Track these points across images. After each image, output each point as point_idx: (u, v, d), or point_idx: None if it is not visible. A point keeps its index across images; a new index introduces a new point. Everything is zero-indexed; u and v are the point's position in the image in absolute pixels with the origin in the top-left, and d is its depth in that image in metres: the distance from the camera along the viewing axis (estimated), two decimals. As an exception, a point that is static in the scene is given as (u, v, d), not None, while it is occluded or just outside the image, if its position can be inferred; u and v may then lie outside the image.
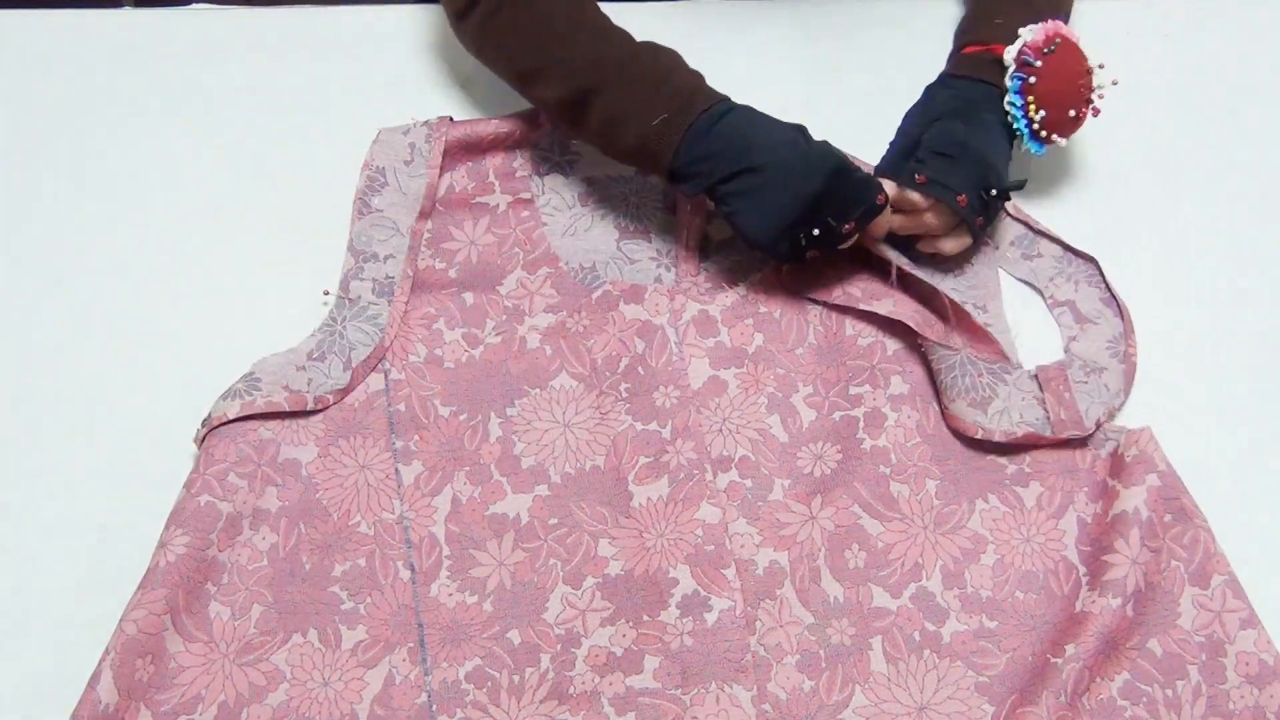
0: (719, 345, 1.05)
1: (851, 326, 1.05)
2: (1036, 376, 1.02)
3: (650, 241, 1.11)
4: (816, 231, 0.99)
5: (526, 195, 1.12)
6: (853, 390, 1.03)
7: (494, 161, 1.13)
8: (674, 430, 1.00)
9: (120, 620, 0.88)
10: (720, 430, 1.01)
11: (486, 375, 1.03)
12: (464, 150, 1.12)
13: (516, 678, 0.91)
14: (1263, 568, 0.97)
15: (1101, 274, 1.08)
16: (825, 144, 1.01)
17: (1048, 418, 1.00)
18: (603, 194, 1.12)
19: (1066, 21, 1.15)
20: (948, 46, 1.17)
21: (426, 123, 1.12)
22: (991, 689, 0.92)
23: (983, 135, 1.05)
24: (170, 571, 0.90)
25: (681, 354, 1.04)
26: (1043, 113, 1.05)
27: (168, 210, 1.14)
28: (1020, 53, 1.06)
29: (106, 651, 0.86)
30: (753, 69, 1.22)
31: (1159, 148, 1.09)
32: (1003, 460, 1.00)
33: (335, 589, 0.94)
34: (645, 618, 0.93)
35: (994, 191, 1.04)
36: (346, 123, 1.17)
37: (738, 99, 1.03)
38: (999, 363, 1.02)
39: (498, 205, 1.11)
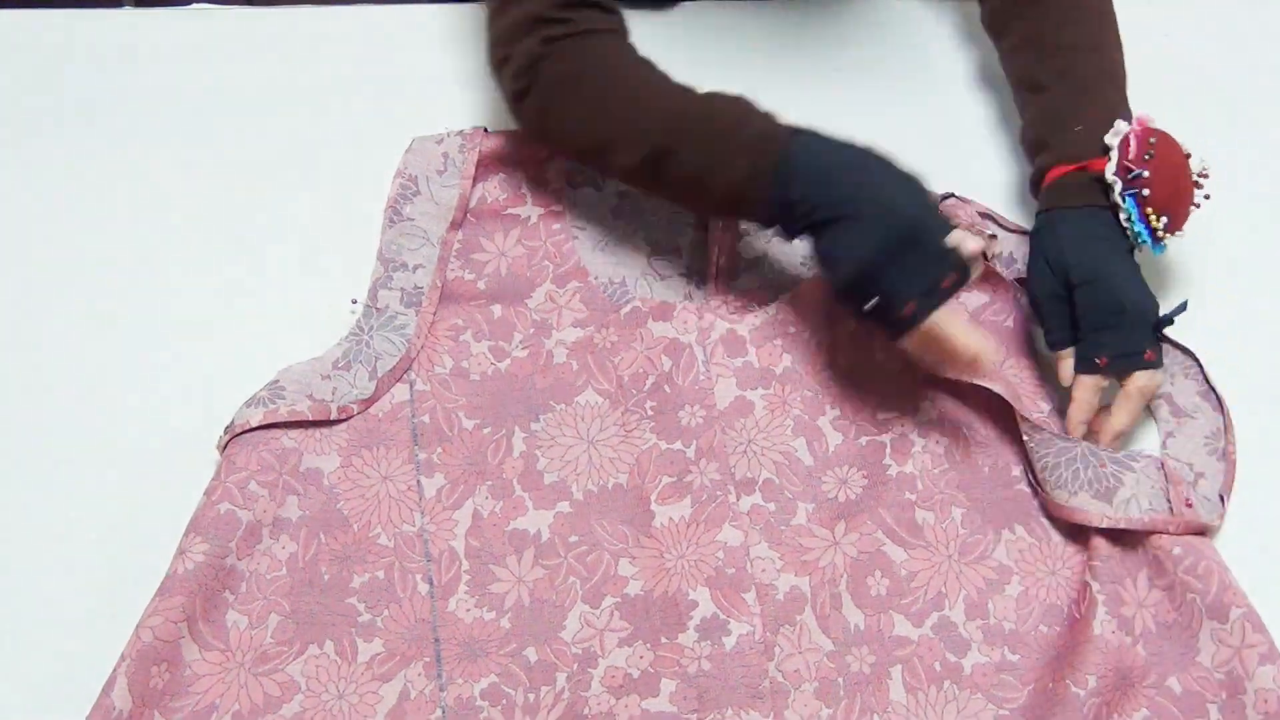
0: (747, 365, 1.04)
1: (881, 351, 1.04)
2: (1163, 467, 0.97)
3: (681, 258, 1.10)
4: (876, 301, 0.92)
5: (558, 208, 1.11)
6: (880, 415, 1.02)
7: (527, 173, 1.13)
8: (698, 450, 1.00)
9: (136, 627, 0.88)
10: (745, 452, 1.00)
11: (512, 389, 1.03)
12: (497, 161, 1.12)
13: (531, 696, 0.90)
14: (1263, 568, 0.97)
15: (1201, 367, 1.04)
16: (914, 192, 0.95)
17: (1170, 508, 0.94)
18: (635, 209, 1.12)
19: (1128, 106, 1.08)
20: (947, 47, 1.16)
21: (460, 132, 1.12)
22: None
23: (1124, 276, 1.00)
24: (188, 579, 0.90)
25: (709, 373, 1.03)
26: (1164, 219, 1.00)
27: (171, 211, 1.14)
28: (1122, 168, 1.00)
29: (122, 658, 0.86)
30: (753, 71, 1.22)
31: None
32: (1029, 491, 0.99)
33: (353, 600, 0.93)
34: (663, 639, 0.92)
35: (1162, 327, 1.00)
36: (347, 123, 1.18)
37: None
38: (1121, 451, 0.99)
39: (529, 217, 1.11)
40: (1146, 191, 1.00)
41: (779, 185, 0.96)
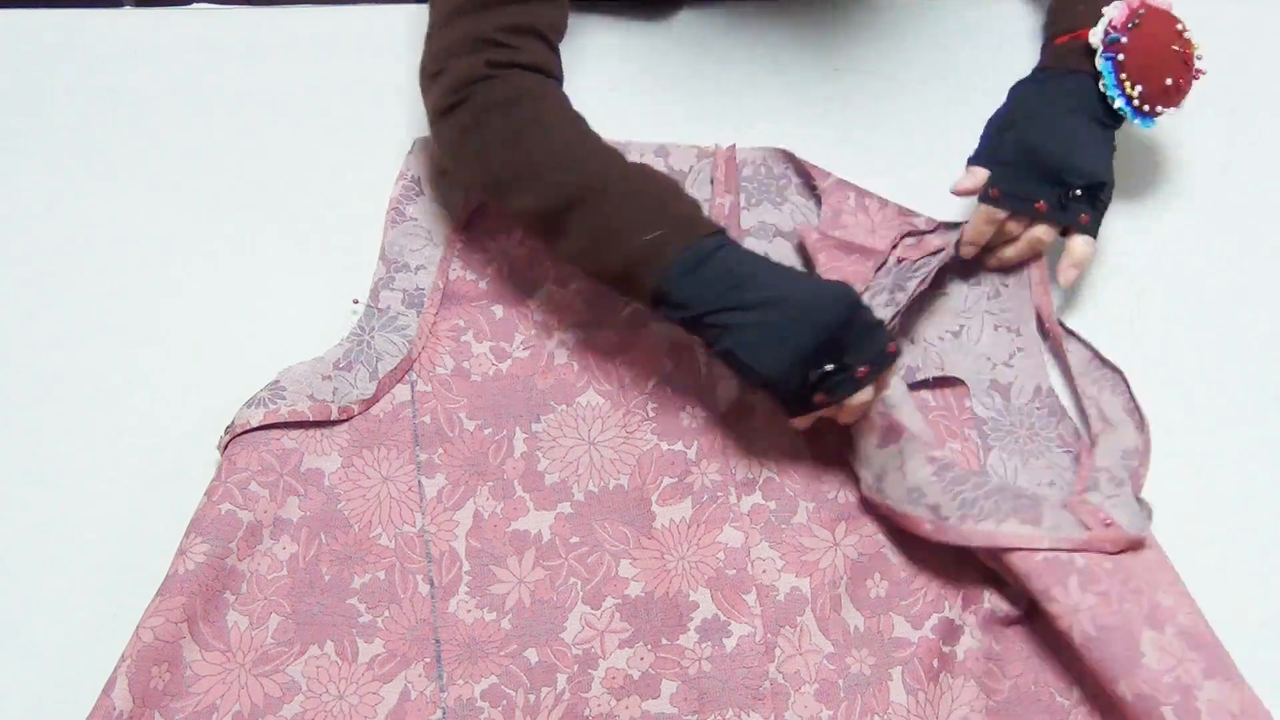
0: (747, 368, 1.04)
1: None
2: (1067, 507, 0.94)
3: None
4: (830, 367, 0.92)
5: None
6: None
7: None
8: (699, 451, 1.00)
9: (137, 627, 0.87)
10: (746, 453, 1.00)
11: (513, 390, 1.03)
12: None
13: (532, 697, 0.90)
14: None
15: (1127, 386, 1.03)
16: (841, 282, 0.95)
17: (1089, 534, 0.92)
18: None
19: None
20: (953, 47, 1.16)
21: (463, 133, 1.12)
22: (1000, 714, 0.90)
23: (1061, 129, 1.05)
24: (189, 579, 0.89)
25: (709, 375, 1.03)
26: (1139, 87, 1.04)
27: (171, 211, 1.14)
28: (1105, 32, 1.05)
29: (122, 658, 0.86)
30: (754, 71, 1.23)
31: (1158, 148, 1.08)
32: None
33: (354, 601, 0.93)
34: (664, 641, 0.92)
35: (1078, 190, 1.04)
36: (347, 123, 1.18)
37: (739, 104, 1.02)
38: (1034, 487, 0.98)
39: (531, 218, 1.11)
40: (1121, 57, 1.04)
41: (687, 262, 0.94)
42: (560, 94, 1.04)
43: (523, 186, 0.99)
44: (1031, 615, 0.94)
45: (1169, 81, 1.05)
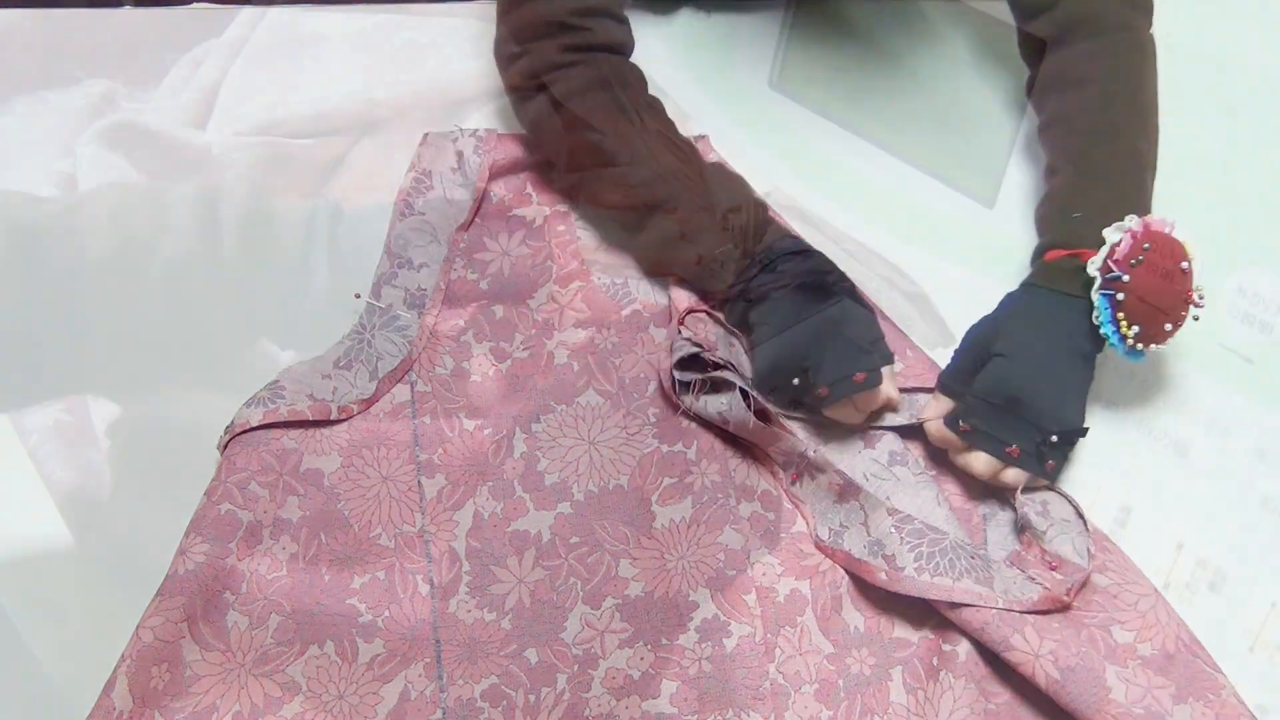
0: (747, 369, 1.04)
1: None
2: (1015, 565, 0.94)
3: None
4: (796, 381, 0.98)
5: (562, 208, 1.11)
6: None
7: (531, 174, 1.13)
8: (699, 451, 0.99)
9: (137, 627, 0.87)
10: (744, 458, 1.00)
11: (513, 390, 1.03)
12: (503, 162, 1.12)
13: (532, 697, 0.90)
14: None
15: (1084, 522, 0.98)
16: (857, 307, 1.00)
17: (1042, 587, 0.92)
18: (636, 210, 1.12)
19: (1149, 196, 1.06)
20: (953, 46, 1.16)
21: (474, 133, 1.12)
22: (1000, 717, 0.90)
23: (1048, 375, 0.97)
24: (189, 579, 0.89)
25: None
26: (1136, 328, 0.96)
27: (172, 209, 1.13)
28: (1106, 265, 0.96)
29: (122, 658, 0.86)
30: (756, 71, 1.22)
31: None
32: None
33: (353, 601, 0.93)
34: (664, 641, 0.92)
35: (1054, 438, 0.95)
36: (347, 123, 1.18)
37: (744, 105, 1.03)
38: (980, 548, 0.96)
39: (534, 219, 1.11)
40: (1121, 296, 0.96)
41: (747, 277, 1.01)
42: (636, 76, 1.08)
43: (603, 185, 1.06)
44: None
45: (1167, 327, 0.97)
